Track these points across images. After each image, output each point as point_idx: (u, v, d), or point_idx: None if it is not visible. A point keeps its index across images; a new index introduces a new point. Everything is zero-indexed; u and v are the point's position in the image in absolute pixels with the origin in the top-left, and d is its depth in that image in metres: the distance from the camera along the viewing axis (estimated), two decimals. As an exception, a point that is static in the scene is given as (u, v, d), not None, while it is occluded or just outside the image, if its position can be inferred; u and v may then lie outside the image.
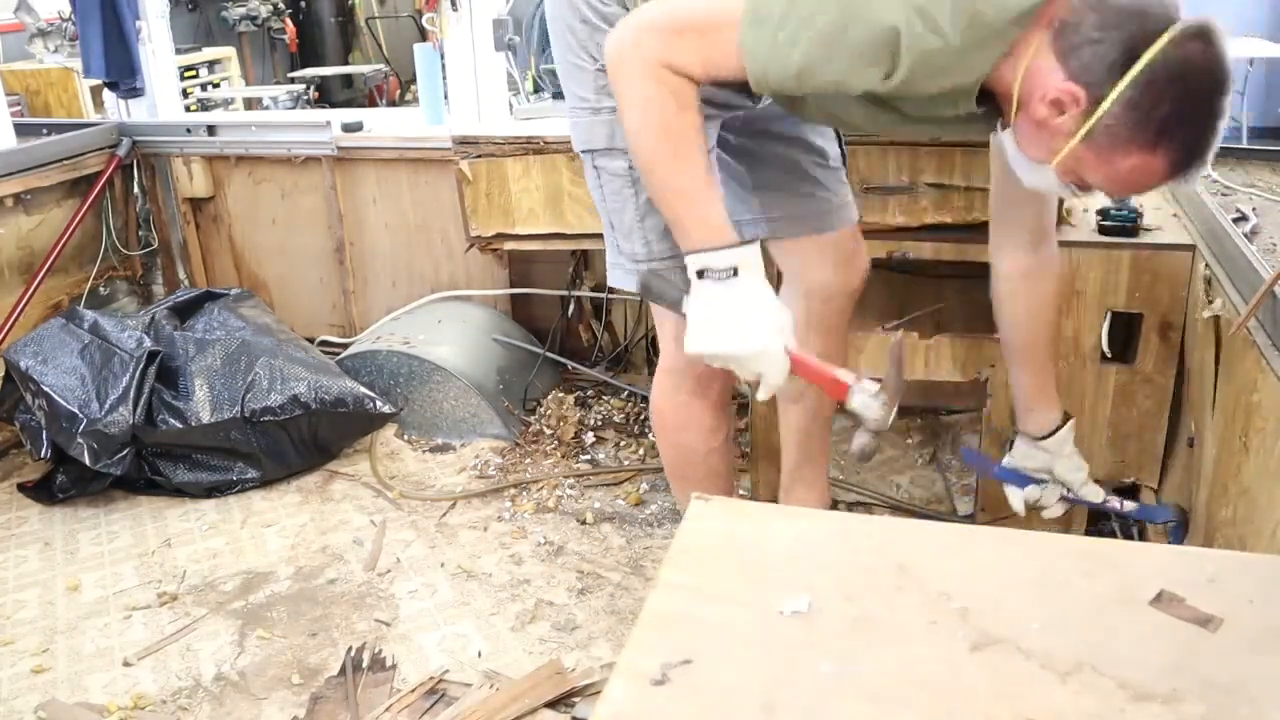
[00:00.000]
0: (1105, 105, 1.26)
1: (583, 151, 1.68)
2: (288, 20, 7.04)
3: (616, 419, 2.89)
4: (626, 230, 1.66)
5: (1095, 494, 1.85)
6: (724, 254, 1.41)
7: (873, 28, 1.26)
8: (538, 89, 3.42)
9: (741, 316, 1.42)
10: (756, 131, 1.77)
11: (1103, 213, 2.04)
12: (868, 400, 1.47)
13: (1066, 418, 1.83)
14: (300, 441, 2.64)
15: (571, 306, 3.11)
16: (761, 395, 1.48)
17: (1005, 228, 1.72)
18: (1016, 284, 1.76)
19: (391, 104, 6.73)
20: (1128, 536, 2.19)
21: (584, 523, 2.40)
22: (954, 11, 1.25)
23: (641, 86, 1.39)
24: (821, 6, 1.28)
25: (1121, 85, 1.24)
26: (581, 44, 1.59)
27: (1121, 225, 2.02)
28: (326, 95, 6.60)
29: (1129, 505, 1.89)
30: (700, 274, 1.42)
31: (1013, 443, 1.88)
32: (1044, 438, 1.83)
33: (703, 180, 1.44)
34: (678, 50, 1.37)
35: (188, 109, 4.87)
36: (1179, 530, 1.88)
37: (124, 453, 2.47)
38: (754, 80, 1.35)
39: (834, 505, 2.33)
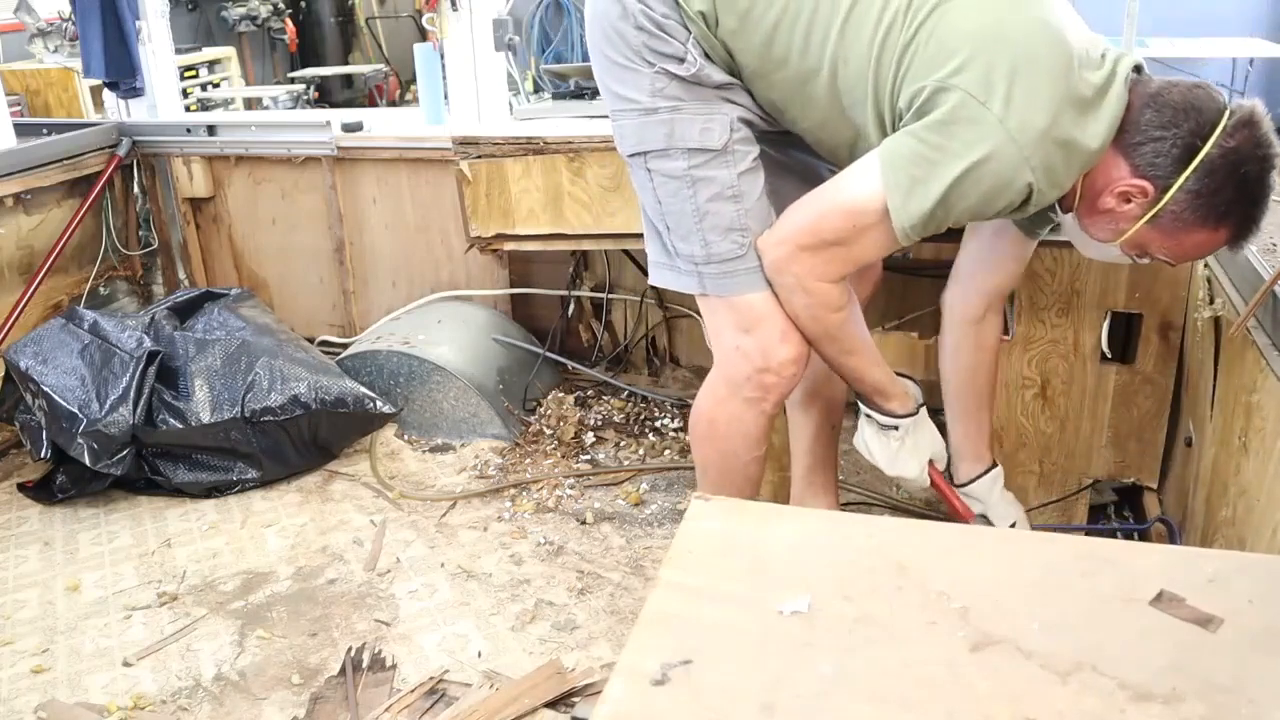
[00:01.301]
0: (1169, 194, 1.43)
1: (633, 154, 1.67)
2: (288, 20, 7.04)
3: (616, 419, 2.89)
4: (684, 232, 1.66)
5: None
6: (902, 421, 1.79)
7: (1013, 192, 1.45)
8: (538, 89, 3.42)
9: (912, 452, 1.83)
10: (782, 142, 1.78)
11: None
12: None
13: (992, 466, 1.95)
14: (300, 441, 2.64)
15: (571, 306, 3.11)
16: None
17: (972, 282, 1.85)
18: (966, 330, 1.88)
19: (391, 104, 6.74)
20: (1128, 537, 2.19)
21: (584, 523, 2.40)
22: (1068, 164, 1.45)
23: (800, 298, 1.62)
24: (965, 179, 1.44)
25: (1183, 177, 1.42)
26: (633, 48, 1.59)
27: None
28: (326, 95, 6.61)
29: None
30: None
31: None
32: (968, 483, 1.95)
33: (870, 360, 1.73)
34: (825, 268, 1.59)
35: (188, 109, 4.88)
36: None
37: (124, 453, 2.47)
38: (902, 238, 1.52)
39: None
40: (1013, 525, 1.93)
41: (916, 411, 1.81)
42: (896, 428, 1.80)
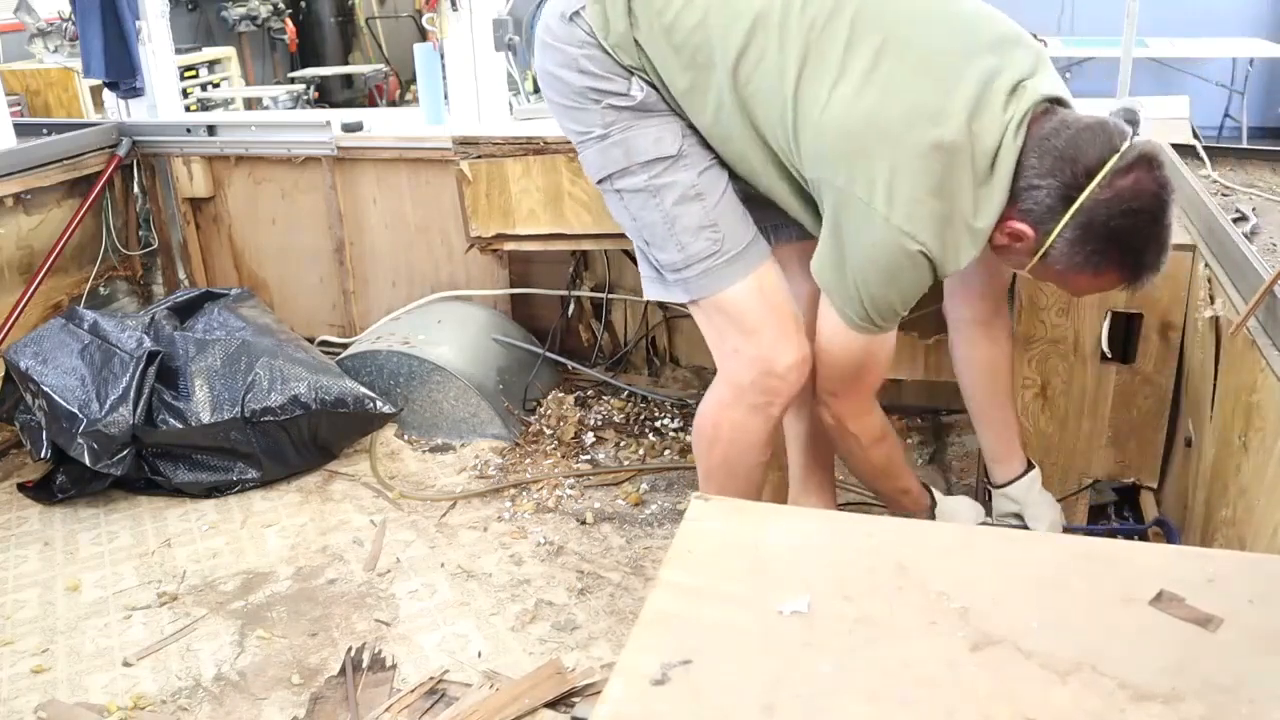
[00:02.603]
0: (1049, 240, 1.46)
1: (600, 180, 1.73)
2: (288, 20, 7.04)
3: (616, 419, 2.89)
4: (660, 241, 1.70)
5: None
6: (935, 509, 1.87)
7: (916, 272, 1.51)
8: (538, 89, 3.41)
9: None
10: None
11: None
12: None
13: (1030, 467, 1.95)
14: (300, 441, 2.64)
15: (571, 306, 3.11)
16: None
17: (972, 288, 1.87)
18: (975, 331, 1.90)
19: (391, 104, 6.74)
20: (1128, 537, 2.19)
21: (584, 523, 2.40)
22: (971, 241, 1.50)
23: (851, 442, 1.78)
24: (867, 268, 1.53)
25: (1060, 224, 1.44)
26: (576, 90, 1.68)
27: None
28: (326, 95, 6.61)
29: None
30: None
31: (989, 494, 1.99)
32: (1005, 485, 1.95)
33: (898, 470, 1.85)
34: (858, 392, 1.72)
35: (188, 109, 4.88)
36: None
37: (124, 453, 2.47)
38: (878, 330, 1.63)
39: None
40: (1050, 527, 1.94)
41: (931, 508, 1.90)
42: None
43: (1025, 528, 1.89)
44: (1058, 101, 1.49)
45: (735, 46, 1.56)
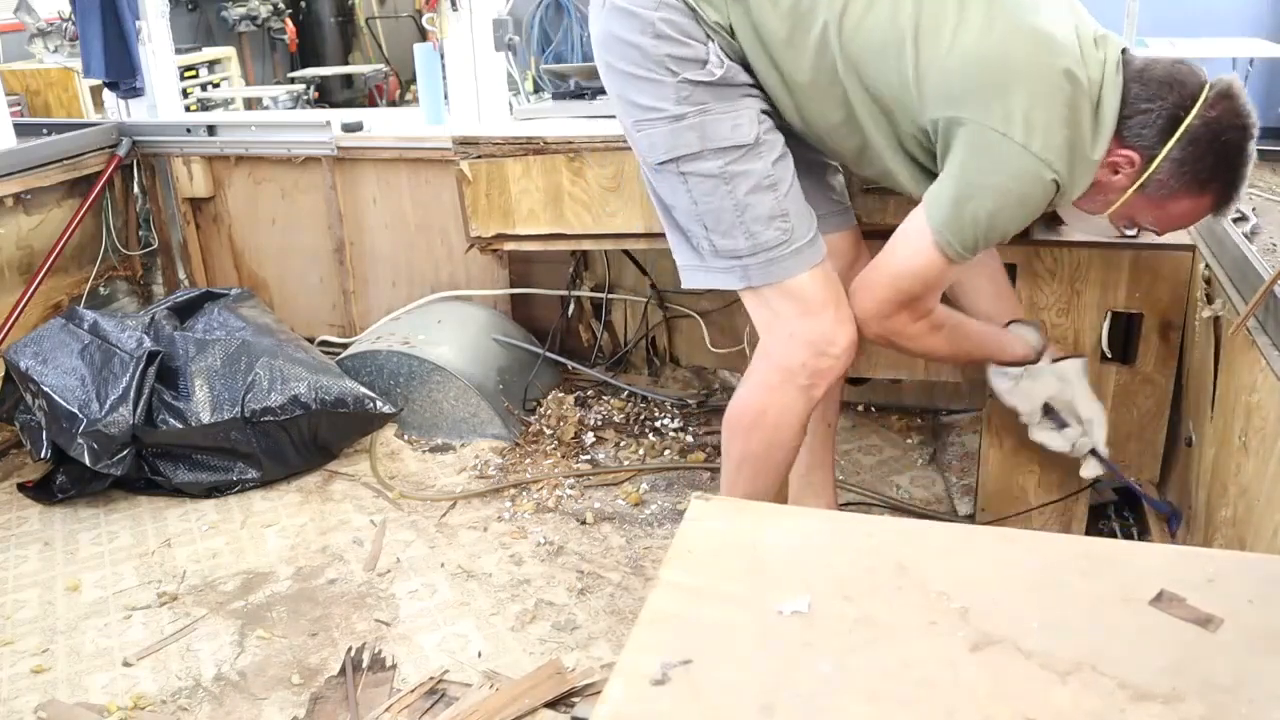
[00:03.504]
0: (1155, 163, 1.51)
1: (662, 162, 1.68)
2: (288, 20, 7.04)
3: (616, 419, 2.89)
4: (725, 228, 1.68)
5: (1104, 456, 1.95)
6: (1013, 370, 1.89)
7: (1045, 199, 1.54)
8: (538, 89, 3.42)
9: (1025, 397, 1.91)
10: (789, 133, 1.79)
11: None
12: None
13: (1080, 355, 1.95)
14: (300, 441, 2.64)
15: (571, 306, 3.11)
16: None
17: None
18: (975, 276, 1.94)
19: (391, 104, 6.74)
20: (1127, 537, 2.19)
21: (584, 523, 2.40)
22: (1085, 171, 1.55)
23: (921, 338, 1.73)
24: (1004, 207, 1.54)
25: (1168, 146, 1.50)
26: (653, 59, 1.62)
27: (1122, 225, 2.02)
28: (326, 95, 6.61)
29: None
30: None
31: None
32: (1059, 360, 1.91)
33: (978, 341, 1.86)
34: (920, 307, 1.68)
35: (188, 109, 4.88)
36: (1175, 519, 1.96)
37: (124, 453, 2.47)
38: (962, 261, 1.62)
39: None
40: (1100, 423, 1.94)
41: (1036, 359, 1.89)
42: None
43: (1061, 422, 1.90)
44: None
45: None
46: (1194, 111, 1.48)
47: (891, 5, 1.54)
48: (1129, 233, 1.65)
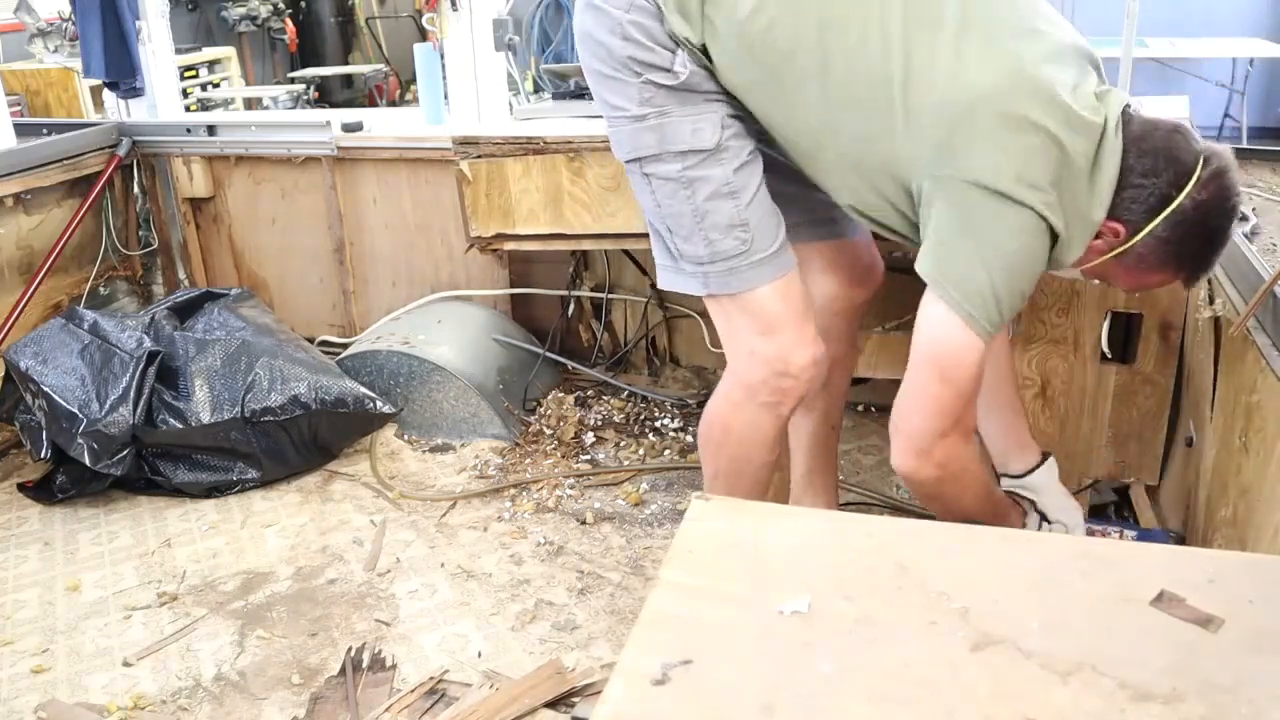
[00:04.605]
0: (1139, 238, 1.47)
1: (629, 160, 1.67)
2: (288, 20, 7.04)
3: (616, 419, 2.89)
4: (686, 233, 1.65)
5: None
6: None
7: (1044, 254, 1.47)
8: (538, 89, 3.42)
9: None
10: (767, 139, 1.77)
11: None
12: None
13: (1045, 456, 1.87)
14: (300, 441, 2.64)
15: (571, 306, 3.11)
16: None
17: None
18: None
19: (391, 104, 6.73)
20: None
21: (584, 523, 2.40)
22: (1082, 232, 1.49)
23: (971, 465, 1.62)
24: (1015, 270, 1.46)
25: (1154, 224, 1.45)
26: (618, 59, 1.59)
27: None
28: (326, 95, 6.61)
29: (1129, 534, 1.93)
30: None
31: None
32: (1024, 474, 1.86)
33: (1002, 509, 1.78)
34: (968, 418, 1.56)
35: (188, 109, 4.88)
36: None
37: (124, 453, 2.47)
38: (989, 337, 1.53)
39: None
40: (1076, 523, 1.88)
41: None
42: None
43: (1045, 520, 1.86)
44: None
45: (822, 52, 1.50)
46: (1185, 191, 1.43)
47: (881, 47, 1.47)
48: (1092, 281, 1.62)
